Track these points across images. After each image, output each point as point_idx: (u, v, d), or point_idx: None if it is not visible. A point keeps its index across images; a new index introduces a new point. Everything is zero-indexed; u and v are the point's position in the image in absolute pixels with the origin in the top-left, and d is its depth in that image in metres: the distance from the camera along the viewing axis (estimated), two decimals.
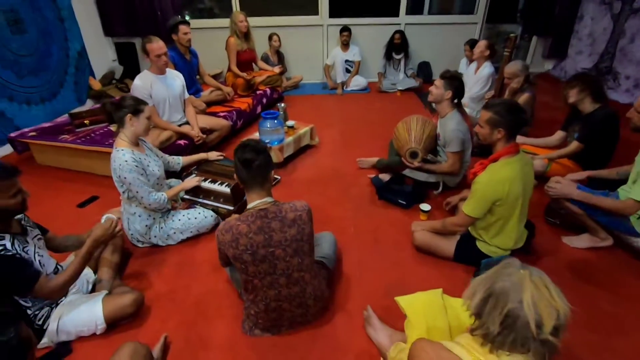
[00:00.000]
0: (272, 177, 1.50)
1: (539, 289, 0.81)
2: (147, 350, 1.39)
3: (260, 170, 1.40)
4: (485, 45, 3.43)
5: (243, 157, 1.39)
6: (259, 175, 1.41)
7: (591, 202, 1.88)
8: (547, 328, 0.77)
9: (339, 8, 5.07)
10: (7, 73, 3.38)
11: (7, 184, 1.36)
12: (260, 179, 1.42)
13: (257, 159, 1.39)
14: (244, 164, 1.39)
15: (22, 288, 1.41)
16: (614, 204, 1.83)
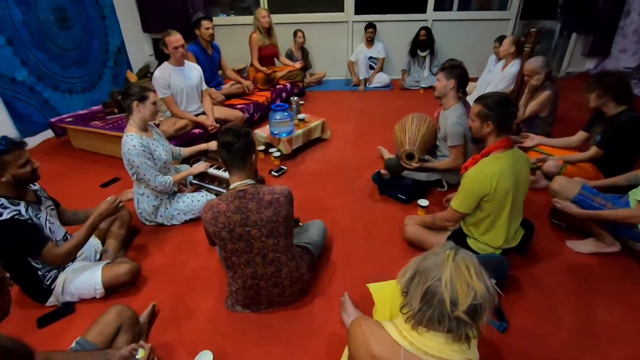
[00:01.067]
0: (253, 160, 1.57)
1: (459, 268, 0.81)
2: (133, 313, 1.52)
3: (239, 153, 1.47)
4: (510, 43, 3.29)
5: (223, 140, 1.47)
6: (238, 158, 1.49)
7: (596, 218, 1.78)
8: (461, 306, 0.78)
9: (365, 5, 5.06)
10: (53, 65, 3.73)
11: (15, 155, 1.54)
12: (240, 161, 1.50)
13: (237, 142, 1.46)
14: (223, 146, 1.47)
15: (31, 250, 1.59)
16: (620, 213, 1.72)
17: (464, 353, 0.85)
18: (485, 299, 0.80)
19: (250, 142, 1.53)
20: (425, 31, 4.76)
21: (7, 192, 1.56)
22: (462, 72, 2.26)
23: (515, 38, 3.33)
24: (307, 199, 2.55)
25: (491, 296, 0.82)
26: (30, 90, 3.47)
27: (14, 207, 1.54)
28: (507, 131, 1.67)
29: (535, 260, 1.95)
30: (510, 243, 1.80)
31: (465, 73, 2.28)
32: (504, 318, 1.60)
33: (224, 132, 1.53)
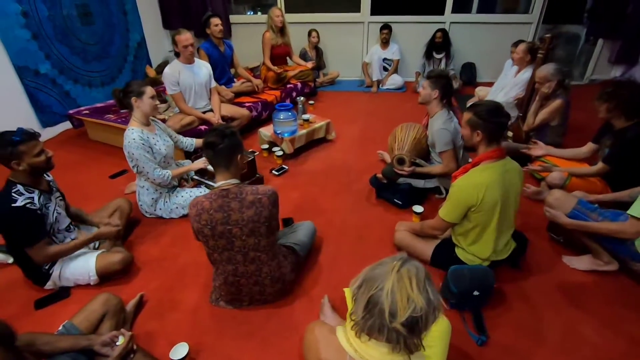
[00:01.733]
0: (238, 161, 1.58)
1: (402, 280, 0.81)
2: (119, 302, 1.59)
3: (223, 153, 1.50)
4: (525, 50, 3.20)
5: (207, 140, 1.51)
6: (222, 158, 1.52)
7: (585, 229, 1.72)
8: (400, 318, 0.78)
9: (381, 5, 5.02)
10: (75, 58, 3.90)
11: (30, 146, 1.64)
12: (224, 161, 1.53)
13: (222, 142, 1.50)
14: (207, 146, 1.51)
15: (26, 241, 1.66)
16: (612, 227, 1.65)
17: None
18: (426, 312, 0.80)
19: (236, 143, 1.55)
20: (442, 33, 4.68)
21: (24, 180, 1.67)
22: (447, 84, 2.25)
23: (530, 44, 3.23)
24: (304, 199, 2.58)
25: (434, 310, 0.81)
26: (52, 83, 3.65)
27: (28, 195, 1.64)
28: (497, 141, 1.64)
29: (527, 273, 1.90)
30: (500, 255, 1.76)
31: (450, 85, 2.29)
32: (484, 331, 1.57)
33: (210, 131, 1.57)
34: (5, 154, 1.60)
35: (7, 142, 1.60)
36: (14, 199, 1.61)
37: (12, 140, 1.60)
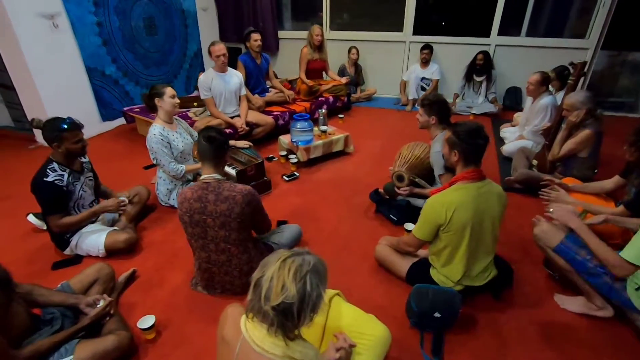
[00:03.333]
0: (225, 159, 1.74)
1: (283, 268, 0.88)
2: (111, 271, 1.82)
3: (217, 149, 1.65)
4: (537, 81, 3.05)
5: (207, 134, 1.65)
6: (215, 153, 1.66)
7: (587, 240, 1.58)
8: (272, 302, 0.84)
9: (424, 25, 5.02)
10: (137, 63, 4.46)
11: (73, 134, 1.97)
12: (215, 157, 1.67)
13: (219, 140, 1.65)
14: (206, 139, 1.65)
15: (50, 210, 1.99)
16: (608, 254, 1.51)
17: (283, 349, 0.90)
18: (299, 302, 0.85)
19: (221, 147, 1.69)
20: (483, 55, 4.54)
21: (60, 159, 1.99)
22: (441, 107, 2.24)
23: (544, 75, 3.07)
24: (304, 205, 2.68)
25: (310, 303, 0.86)
26: (115, 83, 4.21)
27: (60, 172, 1.96)
28: (475, 162, 1.61)
29: (508, 306, 1.79)
30: (475, 281, 1.70)
31: (444, 106, 2.26)
32: (440, 354, 1.53)
33: (207, 128, 1.74)
34: (51, 136, 1.93)
35: (56, 127, 1.93)
36: (47, 174, 1.93)
37: (60, 126, 1.93)
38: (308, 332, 1.37)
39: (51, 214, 1.99)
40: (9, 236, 2.34)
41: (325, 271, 0.96)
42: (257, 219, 1.78)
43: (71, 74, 3.74)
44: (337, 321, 1.38)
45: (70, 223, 2.04)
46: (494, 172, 3.20)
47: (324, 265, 0.96)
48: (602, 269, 1.55)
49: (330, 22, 5.37)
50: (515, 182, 2.86)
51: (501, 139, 3.85)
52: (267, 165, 3.30)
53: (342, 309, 1.41)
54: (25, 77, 3.47)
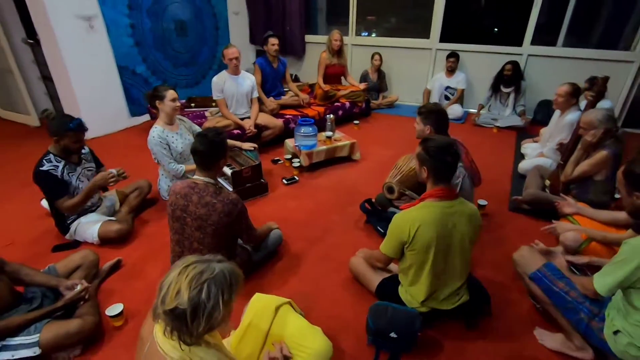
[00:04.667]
0: (220, 164, 1.75)
1: (182, 274, 0.89)
2: (95, 259, 1.94)
3: (209, 154, 1.69)
4: (566, 92, 2.81)
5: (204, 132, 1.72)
6: (207, 158, 1.71)
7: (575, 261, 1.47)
8: (166, 306, 0.86)
9: (451, 33, 4.85)
10: (166, 63, 4.72)
11: (77, 135, 2.13)
12: (206, 161, 1.71)
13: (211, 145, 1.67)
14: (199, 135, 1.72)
15: (51, 196, 2.16)
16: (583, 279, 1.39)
17: (180, 353, 0.91)
18: (192, 309, 0.85)
19: (222, 150, 1.72)
20: (512, 66, 4.29)
21: (57, 152, 2.16)
22: (438, 117, 2.13)
23: (572, 87, 2.82)
24: (296, 209, 2.69)
25: (204, 312, 0.86)
26: (144, 82, 4.48)
27: (55, 163, 2.12)
28: (444, 180, 1.53)
29: (481, 335, 1.68)
30: (442, 304, 1.62)
31: (441, 117, 2.15)
32: None
33: (204, 133, 1.76)
34: (56, 131, 2.10)
35: (64, 124, 2.09)
36: (43, 164, 2.09)
37: (68, 125, 2.09)
38: (250, 337, 1.39)
39: (55, 199, 2.16)
40: (25, 219, 2.57)
41: (234, 281, 0.95)
42: (237, 229, 1.80)
43: (104, 71, 4.03)
44: (281, 330, 1.37)
45: (74, 204, 2.18)
46: (504, 189, 3.01)
47: (234, 275, 0.96)
48: (580, 305, 1.42)
49: (357, 27, 5.34)
50: (523, 202, 2.67)
51: (522, 155, 3.62)
52: (271, 168, 3.36)
53: (288, 318, 1.41)
54: (61, 73, 3.79)
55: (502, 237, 2.41)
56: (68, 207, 2.18)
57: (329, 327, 1.70)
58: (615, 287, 1.27)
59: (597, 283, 1.31)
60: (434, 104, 2.24)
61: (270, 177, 3.18)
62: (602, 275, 1.31)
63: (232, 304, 0.96)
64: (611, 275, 1.27)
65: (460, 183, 2.17)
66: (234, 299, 0.96)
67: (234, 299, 0.96)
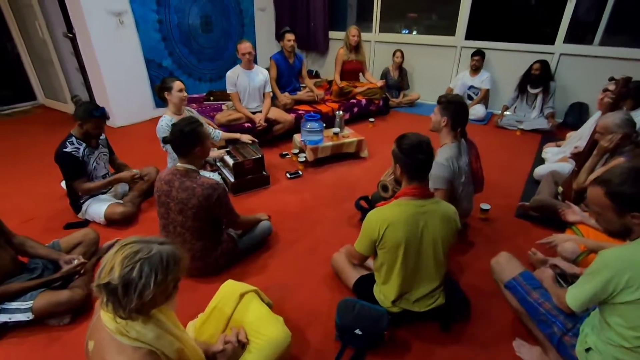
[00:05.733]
0: (195, 152, 1.82)
1: (119, 251, 0.94)
2: (95, 237, 2.09)
3: (181, 143, 1.79)
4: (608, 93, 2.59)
5: (172, 130, 1.79)
6: (181, 146, 1.81)
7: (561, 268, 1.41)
8: (100, 280, 0.92)
9: (478, 30, 4.65)
10: (192, 58, 4.91)
11: (99, 122, 2.32)
12: (182, 149, 1.81)
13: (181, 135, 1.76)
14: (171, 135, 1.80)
15: (71, 176, 2.34)
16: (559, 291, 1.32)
17: (115, 325, 0.96)
18: (123, 286, 0.90)
19: (191, 138, 1.78)
20: (540, 65, 4.04)
21: (79, 135, 2.34)
22: (457, 110, 1.99)
23: None
24: (294, 203, 2.72)
25: (135, 289, 0.91)
26: (169, 74, 4.69)
27: (76, 145, 2.31)
28: (419, 178, 1.49)
29: (455, 340, 1.63)
30: (414, 306, 1.59)
31: (461, 111, 2.00)
32: None
33: (177, 123, 1.87)
34: (81, 116, 2.28)
35: (89, 110, 2.28)
36: (66, 145, 2.28)
37: (93, 112, 2.28)
38: (214, 320, 1.44)
39: (73, 179, 2.34)
40: (48, 197, 2.79)
41: (171, 264, 0.97)
42: (217, 212, 1.86)
43: (132, 64, 4.28)
44: (243, 316, 1.41)
45: (91, 188, 2.38)
46: (516, 195, 2.87)
47: (173, 258, 0.98)
48: (553, 318, 1.34)
49: (381, 24, 5.26)
50: (529, 209, 2.53)
51: (542, 159, 3.42)
52: (279, 162, 3.42)
53: (251, 305, 1.44)
54: (93, 65, 4.07)
55: (501, 243, 2.30)
56: (85, 189, 2.36)
57: (300, 319, 1.73)
58: (587, 301, 1.19)
59: (569, 296, 1.23)
60: (455, 95, 2.14)
61: (275, 170, 3.23)
62: (575, 288, 1.23)
63: (166, 284, 0.99)
64: (581, 288, 1.19)
65: (463, 183, 2.08)
66: (169, 280, 0.99)
67: (170, 280, 1.00)
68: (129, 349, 0.98)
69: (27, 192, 2.90)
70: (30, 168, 3.30)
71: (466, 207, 2.20)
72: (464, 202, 2.15)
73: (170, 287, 1.04)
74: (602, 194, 1.21)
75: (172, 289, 1.06)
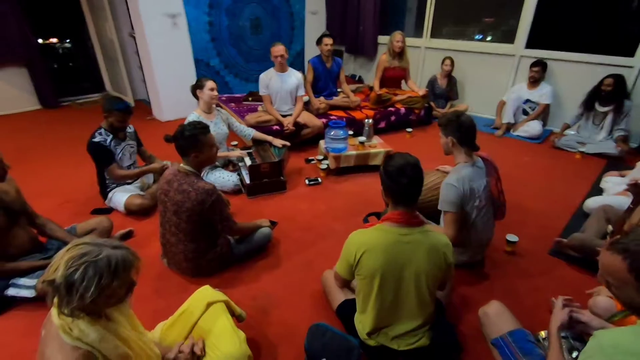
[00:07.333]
0: (192, 156, 1.84)
1: (67, 251, 0.94)
2: (109, 225, 2.22)
3: (181, 146, 1.82)
4: None
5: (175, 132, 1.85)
6: (180, 149, 1.84)
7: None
8: (46, 276, 0.94)
9: (541, 38, 4.17)
10: (239, 58, 5.09)
11: (122, 116, 2.49)
12: (181, 152, 1.84)
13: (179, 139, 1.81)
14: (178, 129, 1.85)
15: (102, 163, 2.52)
16: None
17: (60, 321, 0.97)
18: (63, 286, 0.90)
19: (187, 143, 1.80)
20: (613, 80, 3.49)
21: (106, 127, 2.53)
22: (459, 126, 1.78)
23: None
24: (305, 211, 2.66)
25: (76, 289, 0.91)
26: (216, 74, 4.91)
27: (104, 136, 2.50)
28: (404, 204, 1.34)
29: None
30: (392, 343, 1.44)
31: (463, 126, 1.79)
32: None
33: (190, 123, 1.90)
34: (107, 109, 2.46)
35: (113, 104, 2.47)
36: (95, 136, 2.47)
37: (116, 105, 2.46)
38: (180, 324, 1.43)
39: (107, 165, 2.53)
40: (84, 183, 3.02)
41: (120, 268, 0.97)
42: (214, 218, 1.86)
43: (182, 63, 4.54)
44: (208, 326, 1.39)
45: (124, 175, 2.57)
46: (557, 226, 2.51)
47: (123, 263, 0.98)
48: None
49: (433, 30, 4.98)
50: (567, 247, 2.19)
51: (600, 189, 2.96)
52: (303, 167, 3.38)
53: (218, 317, 1.41)
54: (148, 63, 4.39)
55: (522, 282, 2.01)
56: (118, 175, 2.54)
57: (276, 334, 1.67)
58: None
59: None
60: (454, 112, 1.95)
61: (297, 175, 3.20)
62: None
63: (112, 288, 0.99)
64: None
65: (478, 207, 1.86)
66: (116, 284, 0.99)
67: (117, 285, 1.00)
68: (68, 347, 0.99)
69: (73, 176, 3.19)
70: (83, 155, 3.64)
71: (483, 235, 1.96)
72: (480, 229, 1.92)
73: (121, 291, 1.04)
74: (623, 267, 0.96)
75: (125, 293, 1.07)
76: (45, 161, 3.52)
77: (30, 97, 5.08)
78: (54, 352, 0.99)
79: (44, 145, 3.92)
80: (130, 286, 1.08)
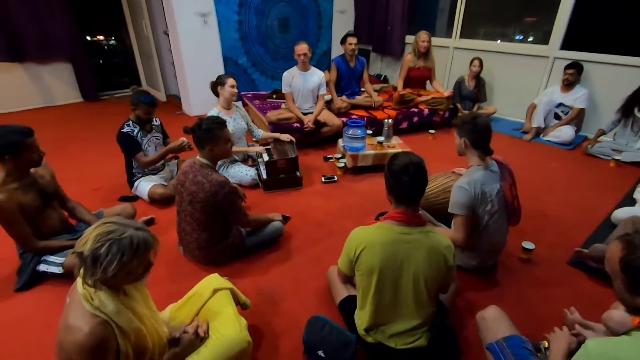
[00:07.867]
0: (207, 149, 1.92)
1: (96, 227, 1.03)
2: (133, 212, 2.36)
3: (197, 139, 1.91)
4: None
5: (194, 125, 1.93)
6: (197, 142, 1.92)
7: None
8: (76, 248, 1.02)
9: (577, 39, 3.97)
10: (266, 57, 5.19)
11: (147, 108, 2.64)
12: (198, 144, 1.93)
13: (196, 132, 1.89)
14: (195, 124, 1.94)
15: (130, 152, 2.68)
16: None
17: (83, 291, 1.06)
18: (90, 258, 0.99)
19: (204, 136, 1.88)
20: None
21: (134, 119, 2.69)
22: (473, 128, 1.75)
23: None
24: (319, 207, 2.70)
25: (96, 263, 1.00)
26: (243, 71, 5.04)
27: (132, 127, 2.66)
28: (406, 203, 1.35)
29: None
30: (389, 341, 1.45)
31: (478, 128, 1.75)
32: None
33: (209, 117, 1.99)
34: (133, 101, 2.62)
35: (138, 97, 2.62)
36: (123, 127, 2.63)
37: (140, 98, 2.61)
38: (187, 307, 1.51)
39: (132, 154, 2.68)
40: (116, 172, 3.22)
41: (141, 248, 1.05)
42: (227, 210, 1.94)
43: (211, 61, 4.70)
44: (213, 310, 1.46)
45: (149, 160, 2.70)
46: (580, 236, 2.40)
47: (144, 244, 1.06)
48: None
49: (462, 30, 4.87)
50: (587, 257, 2.09)
51: (633, 200, 2.79)
52: (321, 165, 3.41)
53: (222, 303, 1.48)
54: (179, 60, 4.59)
55: (534, 291, 1.94)
56: (144, 162, 2.69)
57: (277, 324, 1.72)
58: None
59: None
60: (471, 113, 1.92)
61: (314, 172, 3.24)
62: None
63: (132, 265, 1.07)
64: None
65: (490, 212, 1.83)
66: (136, 263, 1.07)
67: (137, 264, 1.08)
68: (88, 314, 1.08)
69: (105, 165, 3.40)
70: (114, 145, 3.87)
71: (495, 240, 1.92)
72: (492, 234, 1.88)
73: (139, 270, 1.12)
74: (617, 256, 0.95)
75: (142, 272, 1.15)
76: (81, 150, 3.77)
77: (73, 91, 5.45)
78: (77, 316, 1.09)
79: (82, 135, 4.20)
80: (148, 266, 1.16)
